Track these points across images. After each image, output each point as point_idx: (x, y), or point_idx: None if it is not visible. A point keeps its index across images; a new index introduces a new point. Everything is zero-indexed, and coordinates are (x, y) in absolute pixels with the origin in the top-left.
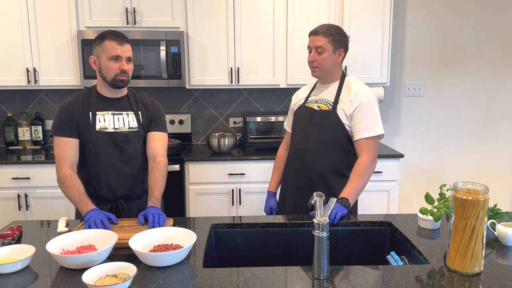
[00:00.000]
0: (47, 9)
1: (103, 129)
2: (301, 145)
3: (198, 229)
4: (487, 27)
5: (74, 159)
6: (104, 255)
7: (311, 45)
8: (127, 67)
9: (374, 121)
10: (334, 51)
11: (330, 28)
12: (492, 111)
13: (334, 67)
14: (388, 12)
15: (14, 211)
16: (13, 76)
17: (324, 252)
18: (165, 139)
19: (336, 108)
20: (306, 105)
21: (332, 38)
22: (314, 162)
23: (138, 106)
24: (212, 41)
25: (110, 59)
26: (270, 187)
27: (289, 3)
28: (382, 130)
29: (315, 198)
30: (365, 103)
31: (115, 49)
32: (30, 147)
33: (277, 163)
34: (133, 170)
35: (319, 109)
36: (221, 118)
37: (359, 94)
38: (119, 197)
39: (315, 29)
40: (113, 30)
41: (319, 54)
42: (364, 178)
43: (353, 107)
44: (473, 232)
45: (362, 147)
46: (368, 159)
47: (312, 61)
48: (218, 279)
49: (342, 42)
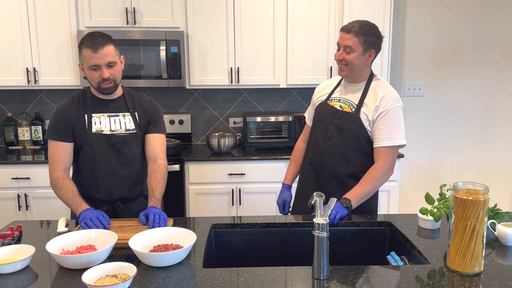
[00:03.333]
0: (47, 9)
1: (99, 132)
2: (321, 145)
3: (198, 229)
4: (488, 27)
5: (67, 163)
6: (104, 255)
7: (341, 42)
8: (108, 74)
9: (397, 129)
10: (364, 52)
11: (363, 27)
12: (492, 111)
13: (362, 68)
14: (388, 12)
15: (14, 211)
16: (13, 76)
17: (324, 252)
18: (164, 141)
19: (359, 111)
20: (328, 102)
21: (363, 39)
22: (334, 165)
23: (134, 107)
24: (212, 41)
25: (90, 69)
26: (286, 180)
27: (289, 3)
28: (404, 141)
29: (315, 198)
30: (390, 109)
31: (91, 58)
32: (30, 147)
33: (295, 155)
34: (130, 172)
35: (341, 109)
36: (221, 118)
37: (385, 100)
38: (116, 199)
39: (347, 26)
40: (91, 33)
41: (347, 53)
42: (374, 185)
43: (377, 113)
44: (473, 232)
45: (380, 155)
46: (384, 167)
47: (339, 59)
48: (218, 279)
49: (374, 43)
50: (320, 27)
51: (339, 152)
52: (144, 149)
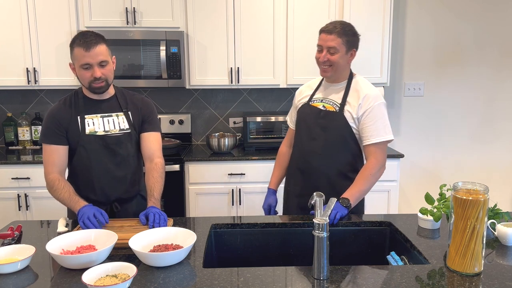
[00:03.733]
0: (47, 9)
1: (93, 133)
2: (306, 146)
3: (198, 229)
4: (488, 27)
5: (62, 165)
6: (104, 255)
7: (323, 44)
8: (100, 73)
9: (384, 125)
10: (347, 51)
11: (344, 27)
12: (492, 111)
13: (344, 68)
14: (388, 12)
15: (14, 211)
16: (13, 76)
17: (324, 252)
18: (160, 139)
19: (343, 110)
20: (311, 103)
21: (346, 39)
22: (320, 164)
23: (127, 106)
24: (212, 41)
25: (81, 68)
26: (271, 184)
27: (289, 3)
28: (392, 135)
29: (315, 198)
30: (375, 107)
31: (83, 56)
32: (30, 147)
33: (280, 160)
34: (126, 172)
35: (324, 109)
36: (221, 118)
37: (367, 98)
38: (113, 200)
39: (328, 27)
40: (83, 32)
41: (331, 54)
42: (370, 182)
43: (362, 110)
44: (473, 232)
45: (371, 152)
46: (377, 164)
47: (324, 61)
48: (218, 279)
49: (355, 42)
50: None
51: (325, 151)
52: (140, 149)
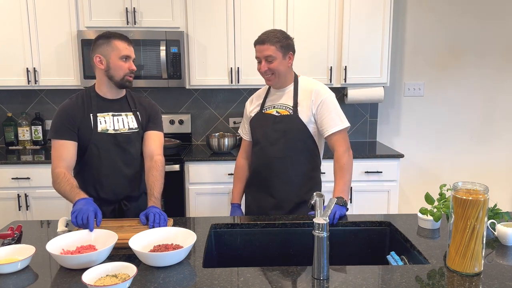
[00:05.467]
0: (47, 9)
1: (104, 131)
2: (266, 152)
3: (198, 229)
4: (488, 27)
5: (70, 161)
6: (104, 255)
7: (259, 55)
8: (135, 67)
9: (338, 114)
10: (284, 56)
11: (275, 34)
12: (492, 111)
13: (287, 72)
14: (388, 12)
15: (14, 211)
16: (13, 76)
17: (324, 252)
18: (161, 138)
19: (297, 111)
20: (264, 111)
21: (279, 44)
22: (283, 168)
23: (136, 107)
24: (212, 41)
25: (120, 59)
26: (234, 199)
27: (289, 3)
28: (347, 122)
29: (315, 198)
30: (325, 99)
31: (125, 49)
32: (30, 147)
33: (238, 173)
34: (134, 171)
35: (279, 115)
36: (221, 118)
37: (318, 92)
38: (121, 198)
39: (260, 38)
40: (114, 31)
41: (269, 63)
42: (348, 170)
43: (316, 105)
44: (473, 232)
45: (334, 141)
46: (344, 151)
47: (265, 71)
48: (218, 279)
49: (289, 46)
50: (320, 27)
51: (285, 154)
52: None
